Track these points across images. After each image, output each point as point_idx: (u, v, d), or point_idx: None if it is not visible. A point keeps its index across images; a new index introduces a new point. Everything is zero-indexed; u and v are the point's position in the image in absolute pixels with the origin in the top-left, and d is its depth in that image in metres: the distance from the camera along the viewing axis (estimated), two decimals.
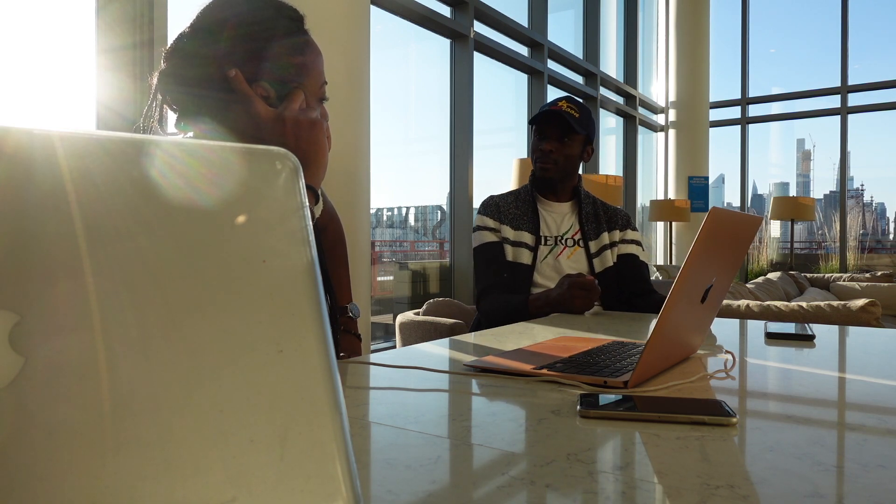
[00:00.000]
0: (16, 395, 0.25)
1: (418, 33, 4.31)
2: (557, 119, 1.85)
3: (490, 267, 1.86)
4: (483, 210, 1.94)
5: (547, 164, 1.89)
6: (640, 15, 7.63)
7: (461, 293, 4.47)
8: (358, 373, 0.90)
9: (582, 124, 1.87)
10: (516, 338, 1.22)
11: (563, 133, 1.87)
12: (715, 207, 0.78)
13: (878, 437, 0.60)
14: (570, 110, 1.87)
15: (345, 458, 0.30)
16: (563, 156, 1.88)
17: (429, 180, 5.05)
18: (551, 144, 1.88)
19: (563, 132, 1.87)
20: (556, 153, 1.88)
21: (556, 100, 1.92)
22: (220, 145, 0.31)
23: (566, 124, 1.85)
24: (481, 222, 1.92)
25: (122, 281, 0.27)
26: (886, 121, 12.66)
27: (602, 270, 1.88)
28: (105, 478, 0.26)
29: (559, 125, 1.86)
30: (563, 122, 1.85)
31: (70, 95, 2.29)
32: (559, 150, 1.88)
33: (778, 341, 1.20)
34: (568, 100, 1.90)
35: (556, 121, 1.86)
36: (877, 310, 2.17)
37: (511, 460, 0.53)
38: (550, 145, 1.88)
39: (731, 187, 13.52)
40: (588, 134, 1.90)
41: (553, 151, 1.87)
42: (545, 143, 1.88)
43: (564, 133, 1.87)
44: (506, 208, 1.92)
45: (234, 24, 0.94)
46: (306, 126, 0.92)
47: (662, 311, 0.77)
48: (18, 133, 0.25)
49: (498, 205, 1.93)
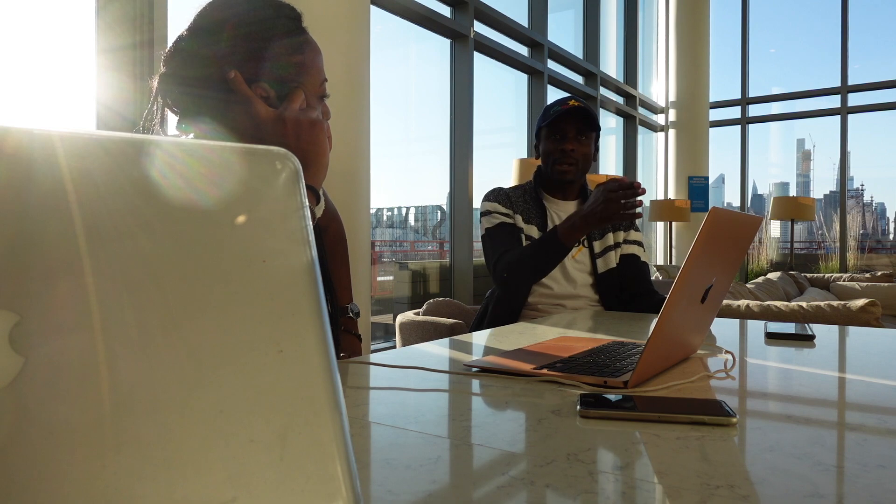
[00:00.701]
0: (16, 395, 0.25)
1: (418, 33, 4.31)
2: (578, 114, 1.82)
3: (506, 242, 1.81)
4: (493, 197, 1.90)
5: (566, 165, 1.85)
6: (640, 15, 7.63)
7: (461, 293, 4.47)
8: (358, 373, 0.90)
9: (595, 121, 1.86)
10: (516, 338, 1.22)
11: (579, 132, 1.84)
12: (715, 207, 0.78)
13: (878, 437, 0.60)
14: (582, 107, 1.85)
15: (345, 458, 0.30)
16: (582, 155, 1.86)
17: (429, 180, 5.06)
18: (572, 144, 1.84)
19: (578, 131, 1.84)
20: (576, 152, 1.85)
21: (563, 100, 1.88)
22: (221, 145, 0.31)
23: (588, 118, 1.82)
24: (492, 207, 1.88)
25: (122, 281, 0.27)
26: (886, 121, 12.67)
27: (605, 271, 1.87)
28: (105, 478, 0.26)
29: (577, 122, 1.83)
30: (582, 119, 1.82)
31: (70, 95, 2.29)
32: (578, 149, 1.85)
33: (778, 341, 1.20)
34: (574, 98, 1.88)
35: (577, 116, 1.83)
36: (877, 310, 2.17)
37: (511, 460, 0.53)
38: (572, 145, 1.84)
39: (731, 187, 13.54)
40: (598, 131, 1.89)
41: (574, 151, 1.84)
42: (566, 143, 1.84)
43: (580, 132, 1.84)
44: (516, 199, 1.90)
45: (234, 24, 0.94)
46: (307, 126, 0.92)
47: (662, 311, 0.77)
48: (18, 133, 0.25)
49: (508, 195, 1.91)
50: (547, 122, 1.86)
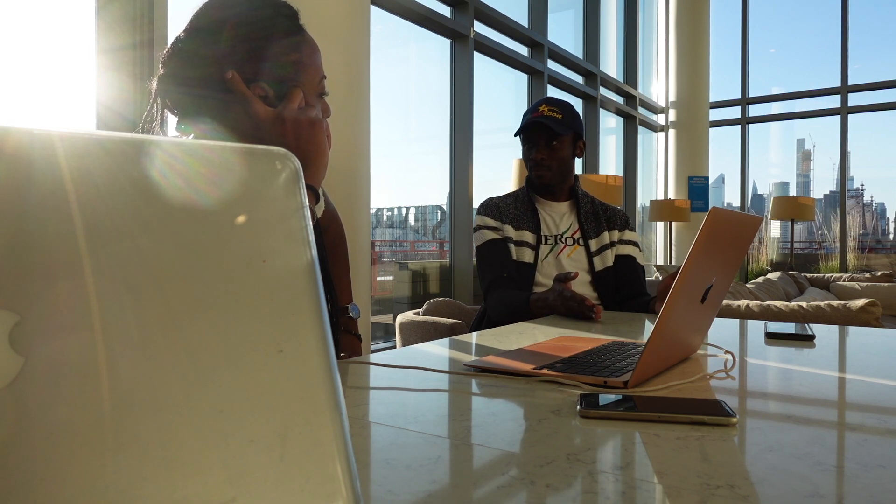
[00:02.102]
0: (16, 395, 0.25)
1: (418, 33, 4.31)
2: (541, 127, 1.86)
3: (494, 263, 1.86)
4: (483, 210, 1.95)
5: (541, 171, 1.90)
6: (640, 15, 7.63)
7: (461, 293, 4.47)
8: (358, 373, 0.90)
9: (566, 124, 1.87)
10: (516, 338, 1.22)
11: (550, 138, 1.87)
12: (715, 207, 0.78)
13: (878, 437, 0.60)
14: (552, 114, 1.86)
15: (345, 458, 0.30)
16: (556, 160, 1.88)
17: (429, 180, 5.06)
18: (541, 153, 1.88)
19: (549, 138, 1.87)
20: (547, 160, 1.88)
21: (536, 105, 1.91)
22: (221, 145, 0.31)
23: (551, 131, 1.85)
24: (482, 222, 1.93)
25: (122, 281, 0.27)
26: (886, 121, 12.67)
27: (602, 269, 1.89)
28: (105, 478, 0.26)
29: (544, 133, 1.87)
30: (547, 129, 1.85)
31: (70, 95, 2.29)
32: (550, 156, 1.88)
33: (778, 341, 1.20)
34: (548, 102, 1.90)
35: (541, 129, 1.86)
36: (877, 310, 2.17)
37: (511, 460, 0.53)
38: (541, 153, 1.88)
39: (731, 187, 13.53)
40: (576, 131, 1.90)
41: (545, 159, 1.88)
42: (535, 153, 1.89)
43: (551, 138, 1.87)
44: (506, 209, 1.93)
45: (233, 24, 0.94)
46: (306, 125, 0.92)
47: (662, 311, 0.77)
48: (18, 133, 0.25)
49: (498, 206, 1.94)
50: (518, 130, 1.91)
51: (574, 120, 1.90)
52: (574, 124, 1.89)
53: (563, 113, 1.88)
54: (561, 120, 1.86)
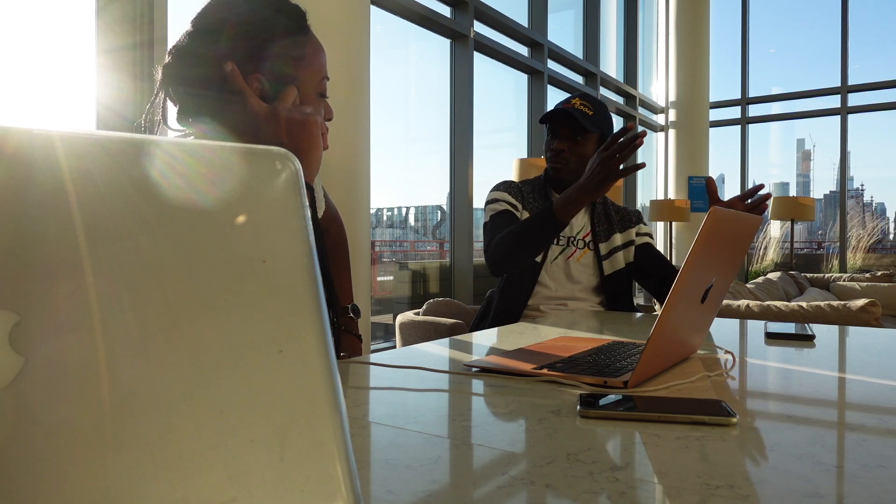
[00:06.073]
0: (16, 395, 0.25)
1: (418, 33, 4.31)
2: (568, 118, 1.79)
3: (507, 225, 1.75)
4: (503, 188, 1.87)
5: (559, 163, 1.82)
6: (640, 15, 7.63)
7: (461, 293, 4.46)
8: (358, 373, 0.90)
9: (596, 122, 1.81)
10: (516, 338, 1.22)
11: (575, 132, 1.80)
12: (715, 207, 0.78)
13: (878, 437, 0.60)
14: (583, 108, 1.80)
15: (345, 458, 0.30)
16: (576, 155, 1.81)
17: (429, 180, 5.06)
18: (563, 144, 1.81)
19: (574, 131, 1.80)
20: (567, 153, 1.81)
21: (570, 97, 1.86)
22: (220, 145, 0.31)
23: (578, 124, 1.79)
24: (500, 196, 1.85)
25: (123, 281, 0.27)
26: (886, 121, 12.67)
27: (612, 273, 1.85)
28: (105, 478, 0.26)
29: (570, 124, 1.80)
30: (574, 121, 1.79)
31: (70, 95, 2.29)
32: (572, 149, 1.81)
33: (778, 341, 1.20)
34: (582, 97, 1.85)
35: (568, 120, 1.80)
36: (877, 310, 2.17)
37: (511, 460, 0.53)
38: (562, 144, 1.81)
39: (731, 187, 13.53)
40: (603, 132, 1.83)
41: (565, 151, 1.81)
42: (556, 143, 1.82)
43: (576, 132, 1.80)
44: (526, 193, 1.88)
45: (234, 23, 0.94)
46: (299, 122, 0.92)
47: (662, 311, 0.77)
48: (18, 133, 0.25)
49: (520, 188, 1.88)
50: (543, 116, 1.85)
51: (604, 120, 1.84)
52: (603, 124, 1.83)
53: (594, 110, 1.82)
54: (591, 116, 1.80)
